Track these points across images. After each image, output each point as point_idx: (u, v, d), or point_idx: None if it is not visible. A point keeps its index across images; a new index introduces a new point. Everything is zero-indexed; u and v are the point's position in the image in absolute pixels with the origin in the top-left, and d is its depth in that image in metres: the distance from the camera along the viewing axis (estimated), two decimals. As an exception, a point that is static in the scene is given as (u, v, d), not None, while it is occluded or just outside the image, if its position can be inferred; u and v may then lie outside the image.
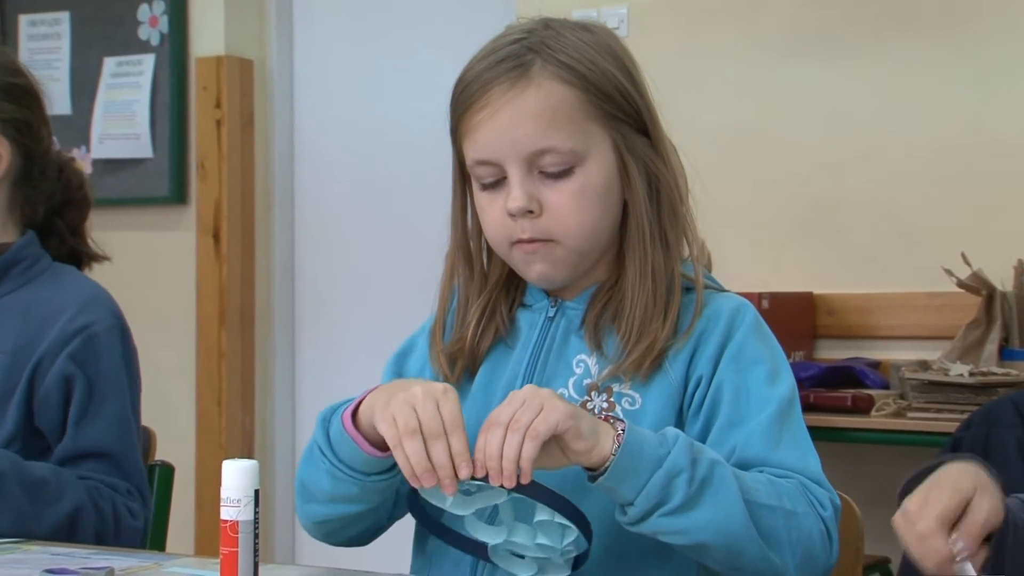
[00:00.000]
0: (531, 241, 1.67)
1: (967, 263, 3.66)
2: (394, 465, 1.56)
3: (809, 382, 3.68)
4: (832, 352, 4.00)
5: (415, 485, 1.50)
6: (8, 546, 1.97)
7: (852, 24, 4.05)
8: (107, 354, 2.23)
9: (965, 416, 3.04)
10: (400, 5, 4.92)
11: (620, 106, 1.68)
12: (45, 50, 5.44)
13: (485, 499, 1.55)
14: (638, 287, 1.67)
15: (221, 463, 1.59)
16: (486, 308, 1.78)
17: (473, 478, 1.46)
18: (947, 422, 3.23)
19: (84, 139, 5.35)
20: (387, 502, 1.71)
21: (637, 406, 1.66)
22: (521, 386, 1.66)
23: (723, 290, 1.76)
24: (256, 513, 1.54)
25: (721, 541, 1.51)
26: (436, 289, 1.85)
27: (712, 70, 4.24)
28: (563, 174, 1.66)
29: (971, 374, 3.38)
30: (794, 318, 3.93)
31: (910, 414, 3.45)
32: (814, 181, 4.09)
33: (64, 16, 5.42)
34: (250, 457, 1.61)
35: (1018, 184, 3.82)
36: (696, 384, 1.66)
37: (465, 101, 1.68)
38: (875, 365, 3.84)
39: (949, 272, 3.65)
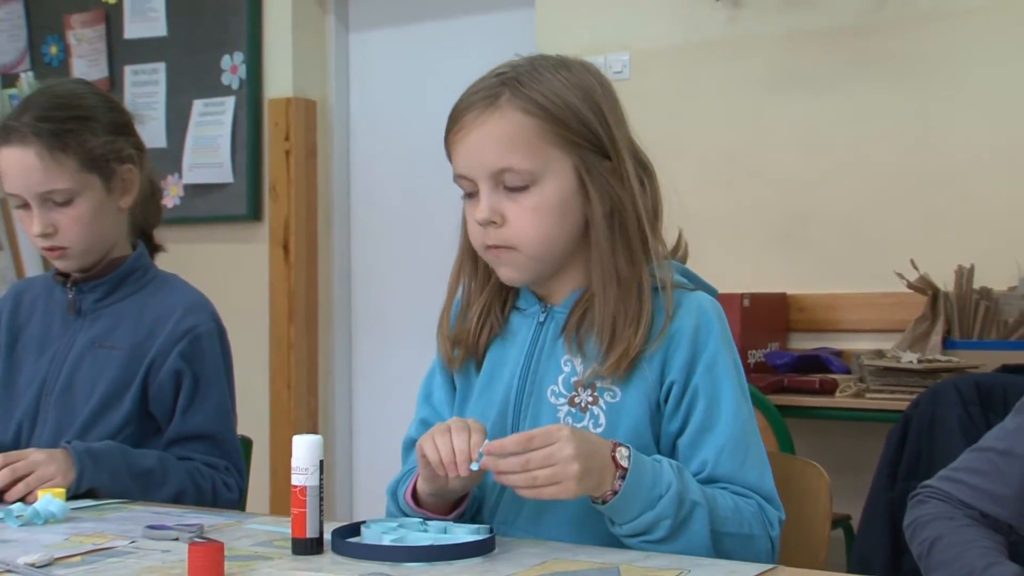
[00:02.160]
0: (497, 247, 1.66)
1: (915, 268, 3.66)
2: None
3: (783, 368, 3.68)
4: (802, 343, 3.99)
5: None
6: (115, 505, 1.98)
7: (820, 67, 4.03)
8: (210, 352, 2.24)
9: (914, 396, 3.05)
10: (438, 53, 4.93)
11: (581, 134, 1.64)
12: (145, 94, 5.46)
13: None
14: (603, 295, 1.65)
15: (291, 437, 1.58)
16: (485, 305, 1.77)
17: None
18: (899, 401, 3.20)
19: (177, 167, 5.36)
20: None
21: (617, 399, 1.65)
22: (520, 386, 1.71)
23: (693, 288, 1.72)
24: (321, 479, 1.54)
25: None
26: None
27: (702, 105, 4.21)
28: (522, 189, 1.64)
29: (919, 361, 3.37)
30: (770, 314, 3.92)
31: (868, 395, 3.43)
32: (787, 198, 4.07)
33: (161, 66, 5.44)
34: (314, 432, 1.59)
35: (958, 201, 3.80)
36: (670, 385, 1.64)
37: (450, 123, 1.69)
38: (839, 354, 3.82)
39: (900, 275, 3.67)
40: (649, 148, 1.77)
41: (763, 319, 3.84)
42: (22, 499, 1.91)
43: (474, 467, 1.50)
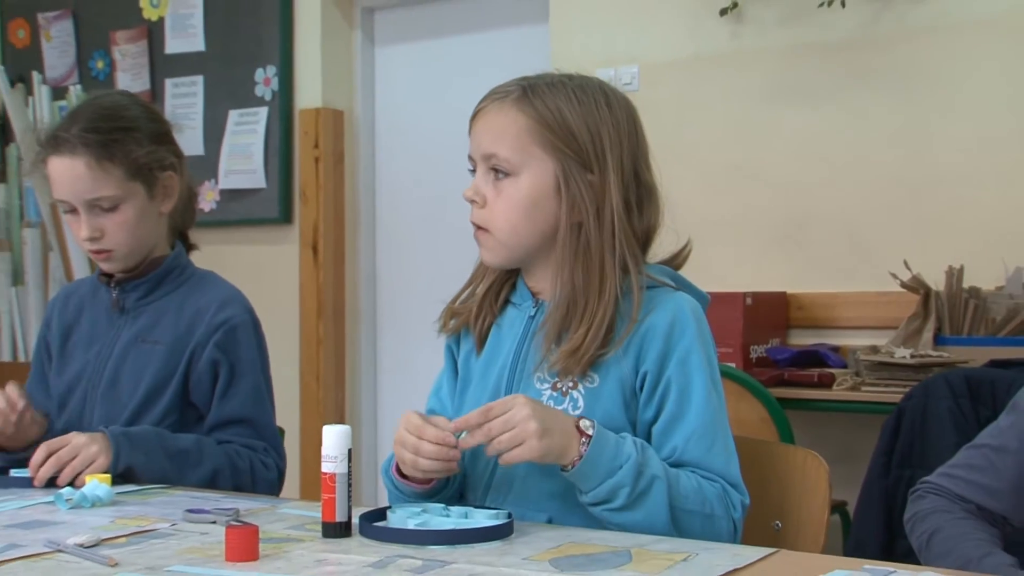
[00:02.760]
0: (477, 228, 1.75)
1: (908, 268, 3.65)
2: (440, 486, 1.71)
3: (784, 363, 3.67)
4: (802, 339, 3.98)
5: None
6: (156, 489, 1.99)
7: (818, 79, 4.03)
8: (244, 342, 2.25)
9: (907, 389, 3.04)
10: (457, 66, 4.94)
11: (567, 143, 1.69)
12: (184, 105, 5.48)
13: None
14: (554, 298, 1.71)
15: (320, 427, 1.59)
16: (487, 292, 1.83)
17: None
18: (893, 394, 3.20)
19: (214, 174, 5.37)
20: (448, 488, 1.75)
21: (596, 384, 1.69)
22: (510, 374, 1.76)
23: (677, 288, 1.75)
24: (349, 467, 1.55)
25: (647, 534, 1.54)
26: None
27: (706, 114, 4.21)
28: (504, 177, 1.71)
29: (912, 356, 3.36)
30: (771, 312, 3.91)
31: (864, 388, 3.43)
32: (787, 203, 4.07)
33: (199, 79, 5.45)
34: (342, 423, 1.59)
35: (948, 206, 3.79)
36: (643, 375, 1.68)
37: (472, 117, 1.78)
38: (836, 349, 3.81)
39: (894, 275, 3.66)
40: (656, 155, 1.79)
41: (764, 316, 3.83)
42: (71, 483, 1.92)
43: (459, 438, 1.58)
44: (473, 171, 1.76)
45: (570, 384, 1.69)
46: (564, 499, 1.64)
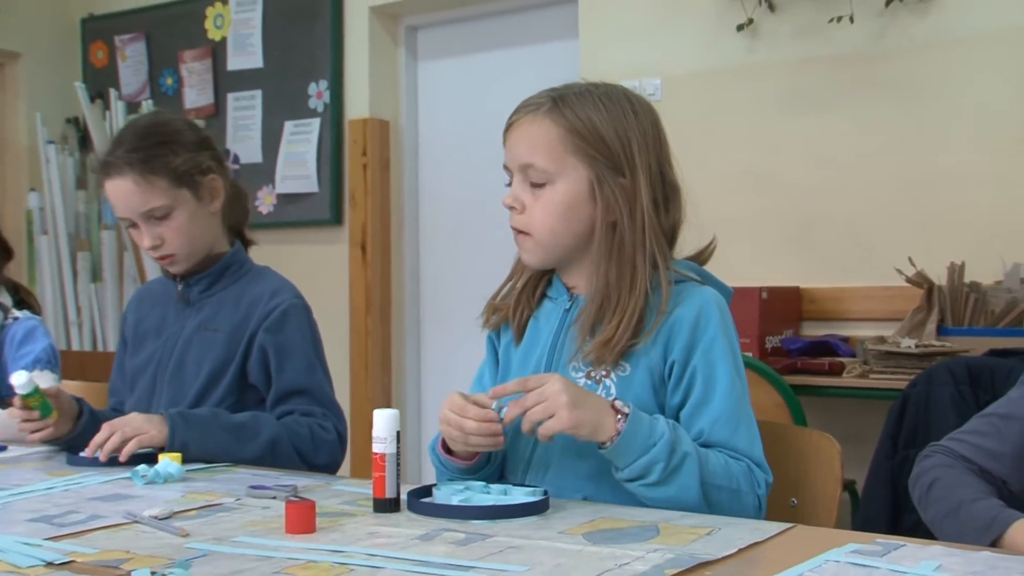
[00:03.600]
0: (517, 231, 1.74)
1: (912, 265, 3.64)
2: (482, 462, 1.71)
3: (796, 352, 3.66)
4: (813, 330, 3.96)
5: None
6: (222, 468, 2.00)
7: (828, 90, 4.01)
8: (292, 321, 2.25)
9: (912, 377, 3.03)
10: (493, 79, 4.94)
11: (600, 150, 1.67)
12: (245, 117, 5.51)
13: None
14: (610, 297, 1.68)
15: (369, 411, 1.59)
16: (523, 288, 1.82)
17: None
18: (899, 381, 3.18)
19: (271, 179, 5.39)
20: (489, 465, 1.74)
21: (627, 373, 1.68)
22: (547, 363, 1.75)
23: (702, 282, 1.74)
24: (397, 448, 1.55)
25: (680, 509, 1.53)
26: None
27: (724, 123, 4.19)
28: (541, 186, 1.70)
29: (916, 346, 3.35)
30: (785, 305, 3.89)
31: (871, 375, 3.42)
32: (800, 204, 4.05)
33: (258, 93, 5.48)
34: (387, 407, 1.59)
35: (949, 207, 3.77)
36: (671, 365, 1.66)
37: (506, 127, 1.76)
38: (845, 340, 3.80)
39: (899, 271, 3.64)
40: (677, 161, 1.78)
41: (779, 309, 3.81)
42: (146, 460, 1.93)
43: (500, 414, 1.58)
44: (510, 180, 1.74)
45: (603, 373, 1.68)
46: (599, 479, 1.63)
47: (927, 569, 1.18)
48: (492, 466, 1.73)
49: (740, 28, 4.12)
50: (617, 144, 1.67)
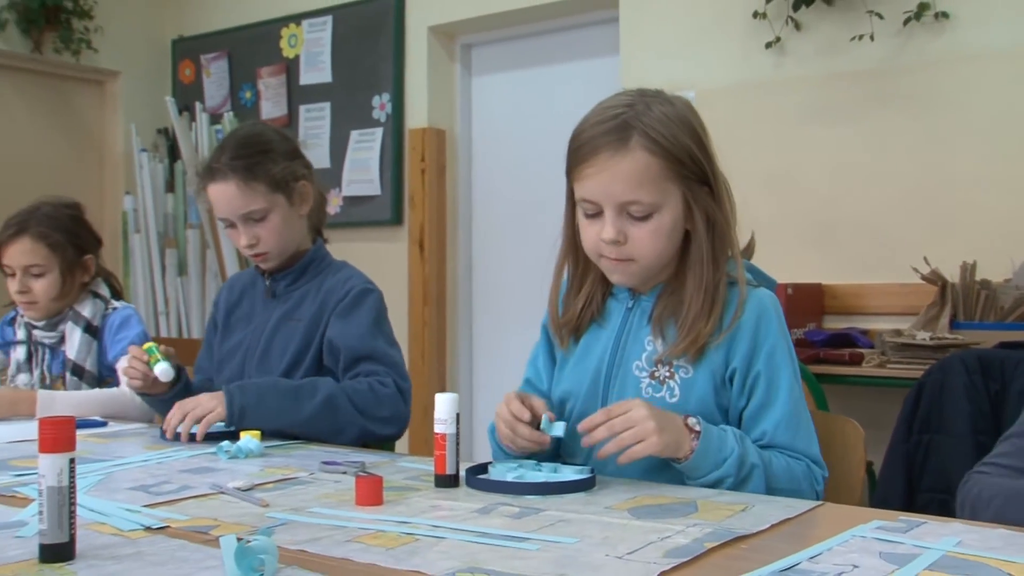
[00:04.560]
0: (616, 260, 1.62)
1: (927, 263, 3.61)
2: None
3: (820, 344, 3.63)
4: (835, 323, 3.92)
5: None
6: (297, 443, 2.01)
7: (848, 102, 3.97)
8: (360, 302, 2.25)
9: (926, 367, 3.00)
10: (540, 92, 4.93)
11: (690, 168, 1.58)
12: (315, 127, 5.54)
13: None
14: (694, 295, 1.60)
15: (427, 395, 1.59)
16: (589, 295, 1.72)
17: None
18: (914, 371, 3.15)
19: (338, 183, 5.41)
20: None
21: (690, 375, 1.61)
22: (611, 360, 1.67)
23: (757, 284, 1.67)
24: (457, 428, 1.54)
25: None
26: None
27: (754, 132, 4.16)
28: (645, 218, 1.58)
29: (931, 338, 3.31)
30: (809, 300, 3.87)
31: (889, 365, 3.38)
32: (823, 207, 4.02)
33: (327, 105, 5.51)
34: (445, 392, 1.59)
35: (962, 210, 3.73)
36: (733, 371, 1.60)
37: (579, 157, 1.60)
38: (865, 332, 3.76)
39: (915, 269, 3.61)
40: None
41: (803, 304, 3.79)
42: (226, 437, 1.94)
43: (555, 432, 1.57)
44: (592, 214, 1.61)
45: (667, 374, 1.62)
46: (656, 472, 1.59)
47: (948, 544, 1.17)
48: (545, 453, 1.67)
49: (768, 45, 4.09)
50: (700, 157, 1.59)
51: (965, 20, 3.73)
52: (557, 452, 1.71)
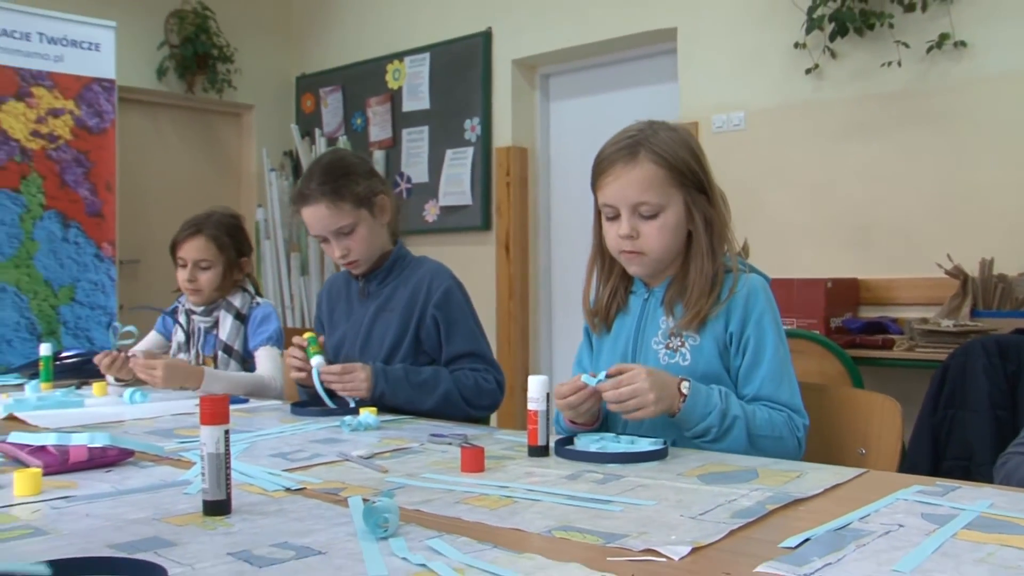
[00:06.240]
0: (631, 252, 1.70)
1: (950, 260, 3.55)
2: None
3: (855, 330, 3.58)
4: (869, 313, 3.85)
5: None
6: (407, 419, 2.00)
7: (880, 120, 3.90)
8: (454, 299, 2.24)
9: (950, 351, 2.93)
10: (609, 114, 4.90)
11: (689, 178, 1.66)
12: (415, 147, 5.57)
13: None
14: (696, 280, 1.68)
15: (512, 378, 1.59)
16: (613, 289, 1.80)
17: None
18: (939, 354, 3.11)
19: (435, 195, 5.44)
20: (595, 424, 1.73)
21: (697, 343, 1.67)
22: (634, 340, 1.74)
23: (751, 271, 1.72)
24: (547, 406, 1.53)
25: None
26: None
27: (797, 147, 4.11)
28: (652, 216, 1.67)
29: (954, 325, 3.27)
30: (846, 293, 3.79)
31: (917, 349, 3.33)
32: (858, 212, 3.95)
33: (425, 128, 5.54)
34: (531, 376, 1.59)
35: (980, 213, 3.66)
36: (730, 335, 1.66)
37: (599, 171, 1.71)
38: (895, 320, 3.69)
39: (939, 265, 3.56)
40: (758, 178, 1.75)
41: (841, 296, 3.73)
42: (351, 412, 1.96)
43: (592, 382, 1.56)
44: (612, 217, 1.70)
45: (679, 343, 1.68)
46: (654, 423, 1.64)
47: (982, 506, 1.14)
48: (596, 424, 1.72)
49: (808, 71, 4.04)
50: (697, 169, 1.67)
51: (981, 48, 3.66)
52: (605, 422, 1.74)
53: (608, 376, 1.55)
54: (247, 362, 2.65)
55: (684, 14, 4.48)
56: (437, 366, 2.21)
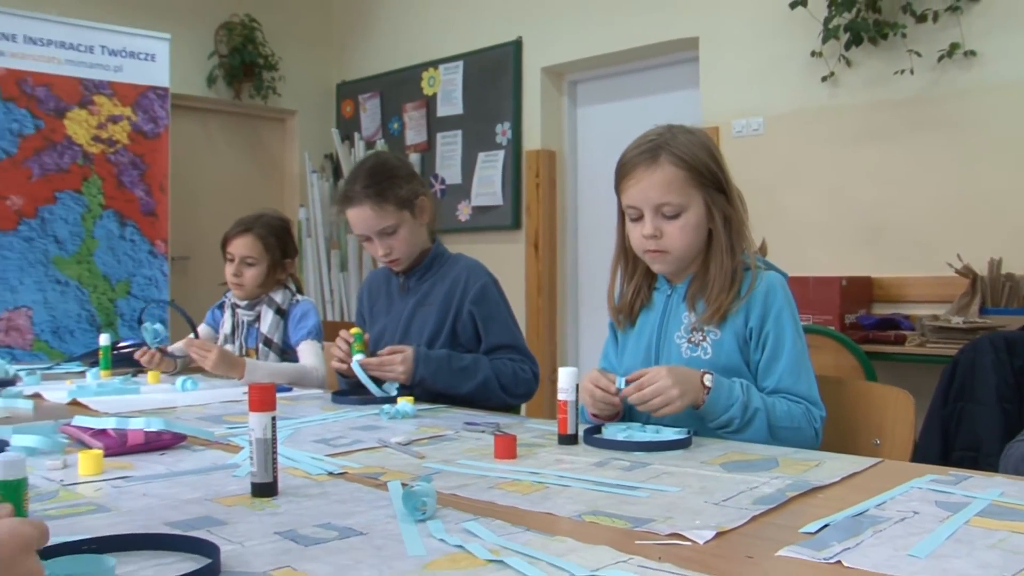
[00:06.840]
0: (655, 251, 1.68)
1: (960, 260, 3.52)
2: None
3: (869, 326, 3.55)
4: (883, 310, 3.81)
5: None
6: (443, 408, 2.00)
7: (892, 126, 3.85)
8: (490, 295, 2.23)
9: (960, 346, 2.89)
10: (633, 119, 4.87)
11: (708, 179, 1.64)
12: (449, 151, 5.57)
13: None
14: (716, 276, 1.66)
15: (540, 371, 1.57)
16: (637, 286, 1.79)
17: None
18: (949, 349, 3.07)
19: (467, 196, 5.44)
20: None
21: (718, 337, 1.65)
22: (658, 334, 1.72)
23: (769, 268, 1.70)
24: (576, 396, 1.53)
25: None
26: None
27: (813, 151, 4.07)
28: (675, 216, 1.65)
29: (964, 322, 3.24)
30: (860, 290, 3.75)
31: (928, 345, 3.29)
32: (872, 213, 3.91)
33: (459, 132, 5.52)
34: (559, 368, 1.58)
35: (988, 214, 3.61)
36: (750, 330, 1.64)
37: (622, 174, 1.69)
38: (907, 317, 3.65)
39: (950, 264, 3.53)
40: (776, 181, 1.74)
41: (855, 294, 3.69)
42: (388, 401, 1.96)
43: (618, 384, 1.55)
44: (636, 218, 1.68)
45: (700, 337, 1.66)
46: (700, 419, 1.60)
47: (993, 495, 1.12)
48: (618, 419, 1.70)
49: (824, 79, 4.00)
50: (716, 169, 1.65)
51: (990, 57, 3.62)
52: (628, 415, 1.72)
53: (628, 382, 1.54)
54: (286, 354, 2.67)
55: (706, 24, 4.45)
56: (477, 354, 2.19)
